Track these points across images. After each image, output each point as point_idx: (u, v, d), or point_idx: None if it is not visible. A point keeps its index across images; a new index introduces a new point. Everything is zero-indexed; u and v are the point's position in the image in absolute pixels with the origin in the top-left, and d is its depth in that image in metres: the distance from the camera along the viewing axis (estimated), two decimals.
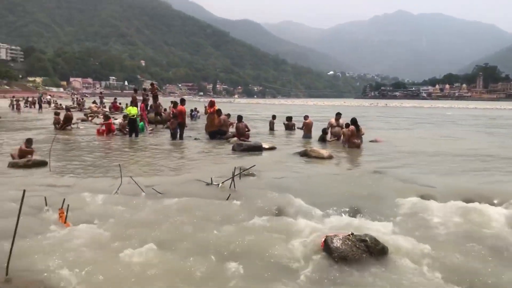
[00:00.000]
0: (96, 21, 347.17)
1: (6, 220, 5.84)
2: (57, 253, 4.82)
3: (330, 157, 12.24)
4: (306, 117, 18.43)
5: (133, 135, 17.56)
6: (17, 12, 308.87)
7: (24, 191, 4.43)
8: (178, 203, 7.01)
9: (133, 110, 17.92)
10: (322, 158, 12.11)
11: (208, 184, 8.47)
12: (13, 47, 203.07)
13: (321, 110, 56.30)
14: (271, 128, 21.69)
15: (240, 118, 16.94)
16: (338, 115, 16.91)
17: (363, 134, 15.29)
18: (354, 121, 14.95)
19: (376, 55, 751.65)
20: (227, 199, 7.20)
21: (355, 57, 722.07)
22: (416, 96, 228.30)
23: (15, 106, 39.48)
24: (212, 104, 18.26)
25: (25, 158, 10.57)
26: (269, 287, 4.21)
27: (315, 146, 14.12)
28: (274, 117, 22.49)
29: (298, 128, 19.65)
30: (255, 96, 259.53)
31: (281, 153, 13.34)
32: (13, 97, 49.67)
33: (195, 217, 6.37)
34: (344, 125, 16.06)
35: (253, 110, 52.83)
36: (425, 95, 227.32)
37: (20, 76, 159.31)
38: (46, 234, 5.43)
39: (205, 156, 12.93)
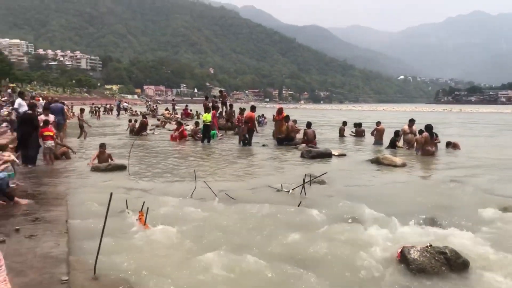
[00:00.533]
0: (168, 31, 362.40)
1: (90, 221, 6.25)
2: (138, 254, 5.08)
3: (403, 165, 11.86)
4: (378, 123, 18.00)
5: (205, 140, 18.07)
6: (96, 24, 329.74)
7: (111, 194, 4.70)
8: (250, 209, 7.13)
9: (208, 117, 18.53)
10: (394, 166, 11.77)
11: (278, 191, 8.53)
12: (93, 57, 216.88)
13: (391, 115, 54.66)
14: (341, 134, 21.39)
15: (309, 124, 16.89)
16: (411, 122, 16.35)
17: (438, 142, 14.68)
18: (428, 128, 14.39)
19: (450, 58, 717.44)
20: (298, 206, 7.20)
21: (427, 61, 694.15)
22: (493, 101, 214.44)
23: (95, 113, 41.92)
24: (280, 111, 18.36)
25: (106, 163, 11.21)
26: None
27: (387, 154, 13.75)
28: (344, 123, 22.16)
29: (372, 134, 19.16)
30: (321, 102, 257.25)
31: (351, 160, 13.13)
32: (93, 104, 52.84)
33: (267, 222, 6.45)
34: (417, 132, 15.51)
35: (320, 116, 52.38)
36: (504, 99, 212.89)
37: (99, 84, 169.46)
38: (128, 236, 5.73)
39: (274, 163, 13.02)
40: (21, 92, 17.75)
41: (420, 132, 14.92)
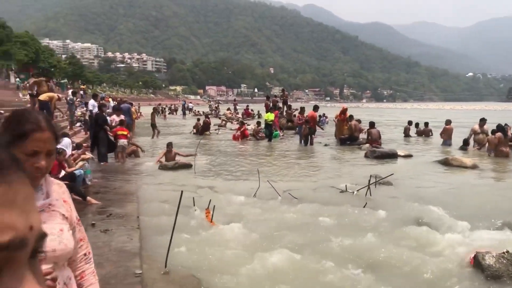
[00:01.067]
0: (229, 33, 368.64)
1: (159, 217, 6.50)
2: (206, 250, 5.22)
3: (474, 167, 11.28)
4: (448, 122, 17.14)
5: (267, 140, 18.20)
6: (161, 27, 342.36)
7: (182, 192, 4.88)
8: (314, 209, 7.09)
9: (270, 116, 18.66)
10: (465, 167, 11.22)
11: (342, 191, 8.42)
12: (158, 59, 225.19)
13: (459, 114, 52.14)
14: (406, 134, 20.69)
15: (372, 124, 16.49)
16: (482, 121, 15.49)
17: None
18: (501, 128, 13.60)
19: None
20: (363, 207, 7.07)
21: (499, 57, 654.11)
22: None
23: (161, 113, 43.33)
24: (343, 111, 18.07)
25: (173, 161, 11.60)
26: None
27: (456, 154, 13.14)
28: (410, 122, 21.37)
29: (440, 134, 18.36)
30: (384, 100, 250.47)
31: (418, 161, 12.69)
32: (159, 104, 54.69)
33: (330, 223, 6.39)
34: (489, 132, 14.68)
35: (383, 115, 50.98)
36: None
37: (163, 85, 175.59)
38: (195, 232, 5.90)
39: (337, 163, 12.86)
40: (94, 94, 18.78)
41: (493, 132, 14.11)
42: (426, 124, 20.87)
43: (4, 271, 0.29)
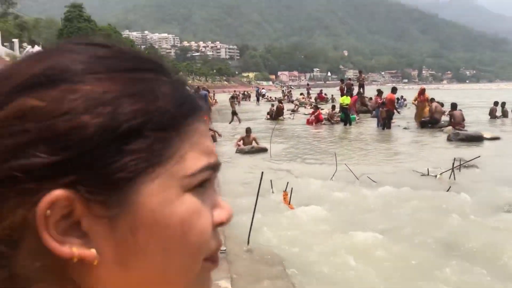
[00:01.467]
0: (301, 16, 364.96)
1: (239, 198, 6.69)
2: (285, 231, 5.33)
3: None
4: None
5: (344, 124, 17.93)
6: (233, 14, 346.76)
7: (262, 173, 5.00)
8: (394, 193, 6.93)
9: (346, 100, 18.36)
10: None
11: (424, 175, 8.14)
12: (231, 47, 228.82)
13: None
14: (493, 116, 19.36)
15: (454, 105, 15.65)
16: None
17: None
18: None
19: None
20: (447, 191, 6.79)
21: None
22: None
23: (236, 99, 44.09)
24: (422, 91, 17.30)
25: (249, 145, 11.84)
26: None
27: None
28: (496, 103, 19.97)
29: None
30: (466, 81, 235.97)
31: (507, 144, 11.88)
32: (234, 91, 55.59)
33: (411, 207, 6.23)
34: None
35: (467, 97, 48.10)
36: None
37: (236, 73, 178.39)
38: (275, 214, 6.02)
39: (417, 146, 12.39)
40: None
41: None
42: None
43: (207, 187, 0.38)
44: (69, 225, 0.34)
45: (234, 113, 20.89)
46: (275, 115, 22.21)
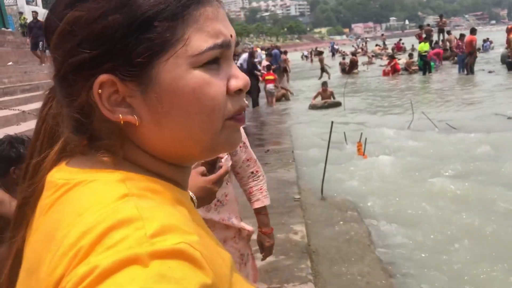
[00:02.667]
0: None
1: (312, 151, 6.78)
2: (359, 180, 5.36)
3: None
4: None
5: (424, 72, 17.08)
6: None
7: (332, 122, 5.04)
8: (475, 138, 6.63)
9: (425, 47, 17.41)
10: None
11: (509, 118, 7.65)
12: (301, 3, 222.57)
13: None
14: None
15: None
16: None
17: None
18: None
19: None
20: None
21: None
22: None
23: (309, 56, 43.36)
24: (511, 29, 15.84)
25: (323, 100, 11.76)
26: None
27: None
28: None
29: None
30: None
31: None
32: (313, 49, 54.20)
33: (495, 151, 5.94)
34: None
35: None
36: None
37: (308, 29, 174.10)
38: (348, 164, 6.05)
39: (503, 89, 11.55)
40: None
41: None
42: None
43: (221, 63, 0.51)
44: (118, 100, 0.49)
45: (322, 69, 20.66)
46: (349, 68, 21.64)
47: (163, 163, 0.53)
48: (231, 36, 0.52)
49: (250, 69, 12.63)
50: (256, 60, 15.61)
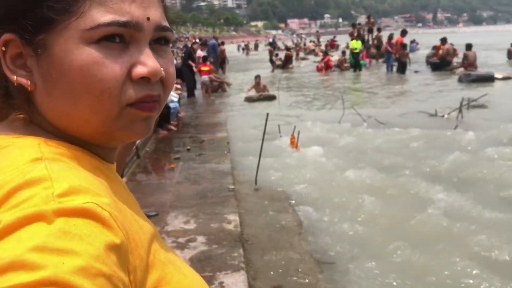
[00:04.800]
0: None
1: (247, 143, 6.84)
2: (292, 171, 5.48)
3: None
4: None
5: (354, 69, 17.75)
6: None
7: (267, 114, 5.11)
8: (401, 133, 7.02)
9: (356, 44, 18.05)
10: None
11: (432, 115, 8.18)
12: None
13: None
14: (510, 57, 18.78)
15: (469, 46, 15.30)
16: None
17: None
18: None
19: None
20: (454, 129, 6.85)
21: None
22: None
23: (245, 49, 43.45)
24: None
25: (258, 93, 11.87)
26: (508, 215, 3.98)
27: None
28: None
29: None
30: (483, 24, 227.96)
31: None
32: (243, 41, 54.44)
33: (418, 145, 6.33)
34: None
35: (483, 39, 46.74)
36: None
37: (245, 22, 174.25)
38: (282, 156, 6.17)
39: (427, 88, 12.29)
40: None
41: None
42: None
43: (130, 46, 0.49)
44: (21, 63, 0.50)
45: (272, 62, 21.05)
46: (284, 63, 21.98)
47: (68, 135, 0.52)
48: (148, 19, 0.49)
49: (185, 59, 12.52)
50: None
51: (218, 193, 4.28)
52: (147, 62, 0.49)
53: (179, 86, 9.63)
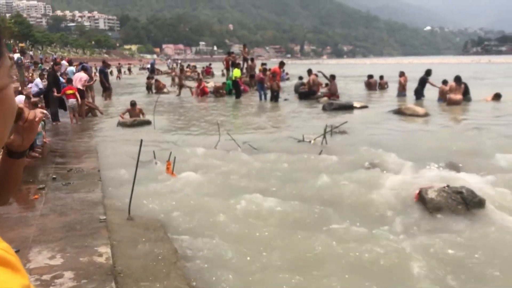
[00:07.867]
0: None
1: (120, 170, 6.59)
2: (168, 198, 5.39)
3: (426, 115, 11.82)
4: (401, 74, 17.53)
5: (237, 96, 18.24)
6: None
7: (142, 140, 4.98)
8: (273, 158, 7.36)
9: (237, 73, 18.65)
10: (417, 115, 11.75)
11: (300, 141, 8.72)
12: (110, 17, 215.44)
13: (417, 67, 53.33)
14: (370, 88, 20.87)
15: (333, 77, 16.76)
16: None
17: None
18: (457, 78, 14.23)
19: (481, 6, 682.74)
20: (319, 154, 7.39)
21: (456, 9, 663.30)
22: None
23: (118, 73, 41.97)
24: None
25: (132, 118, 11.53)
26: (368, 230, 4.37)
27: (410, 104, 13.66)
28: (370, 76, 21.63)
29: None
30: (344, 56, 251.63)
31: (373, 112, 13.14)
32: (119, 64, 52.21)
33: (289, 170, 6.69)
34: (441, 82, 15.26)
35: (344, 71, 51.55)
36: None
37: (118, 45, 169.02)
38: (157, 182, 6.05)
39: (296, 115, 13.13)
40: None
41: (444, 82, 14.77)
42: (381, 77, 21.34)
43: None
44: None
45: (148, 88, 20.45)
46: (157, 88, 21.79)
47: None
48: None
49: (51, 81, 11.77)
50: (61, 72, 14.54)
51: (88, 225, 4.03)
52: None
53: (44, 111, 8.94)
